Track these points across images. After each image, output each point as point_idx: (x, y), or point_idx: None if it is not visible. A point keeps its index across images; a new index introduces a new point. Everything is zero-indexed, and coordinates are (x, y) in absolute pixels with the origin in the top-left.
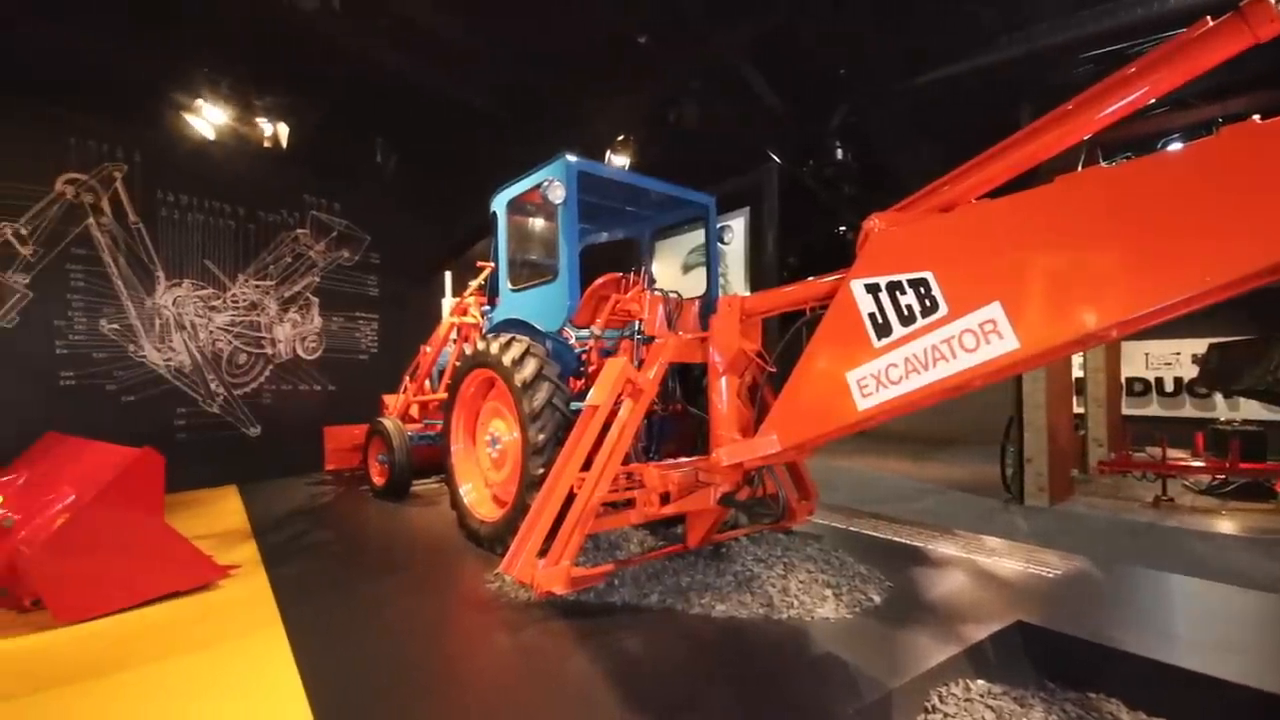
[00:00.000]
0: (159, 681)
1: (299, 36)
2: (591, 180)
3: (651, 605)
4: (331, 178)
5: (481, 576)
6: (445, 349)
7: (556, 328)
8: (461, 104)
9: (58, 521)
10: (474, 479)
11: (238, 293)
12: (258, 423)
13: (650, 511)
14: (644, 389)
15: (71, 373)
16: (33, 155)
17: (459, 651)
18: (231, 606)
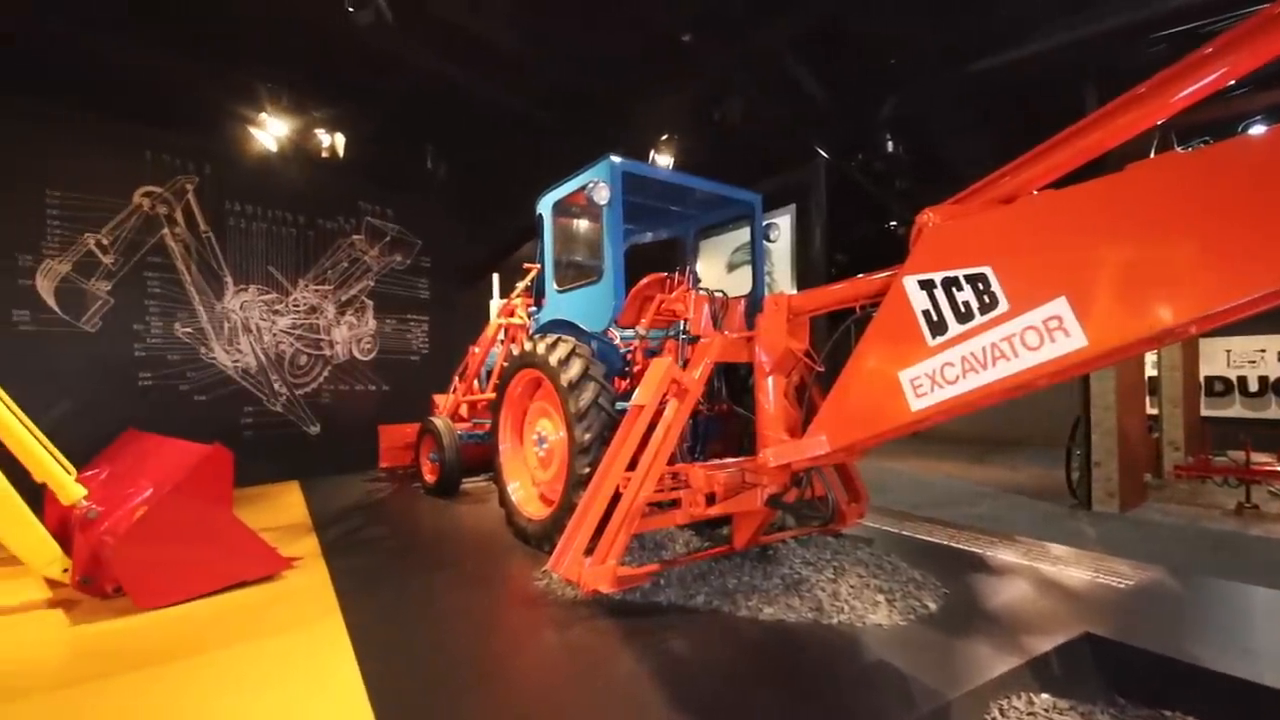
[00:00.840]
0: (229, 666)
1: (355, 51)
2: (636, 180)
3: (698, 606)
4: (385, 185)
5: (529, 573)
6: (493, 350)
7: (602, 328)
8: (508, 110)
9: (137, 513)
10: (521, 477)
11: (298, 297)
12: (317, 421)
13: (696, 512)
14: (689, 389)
15: (149, 374)
16: (113, 169)
17: (508, 646)
18: (294, 596)
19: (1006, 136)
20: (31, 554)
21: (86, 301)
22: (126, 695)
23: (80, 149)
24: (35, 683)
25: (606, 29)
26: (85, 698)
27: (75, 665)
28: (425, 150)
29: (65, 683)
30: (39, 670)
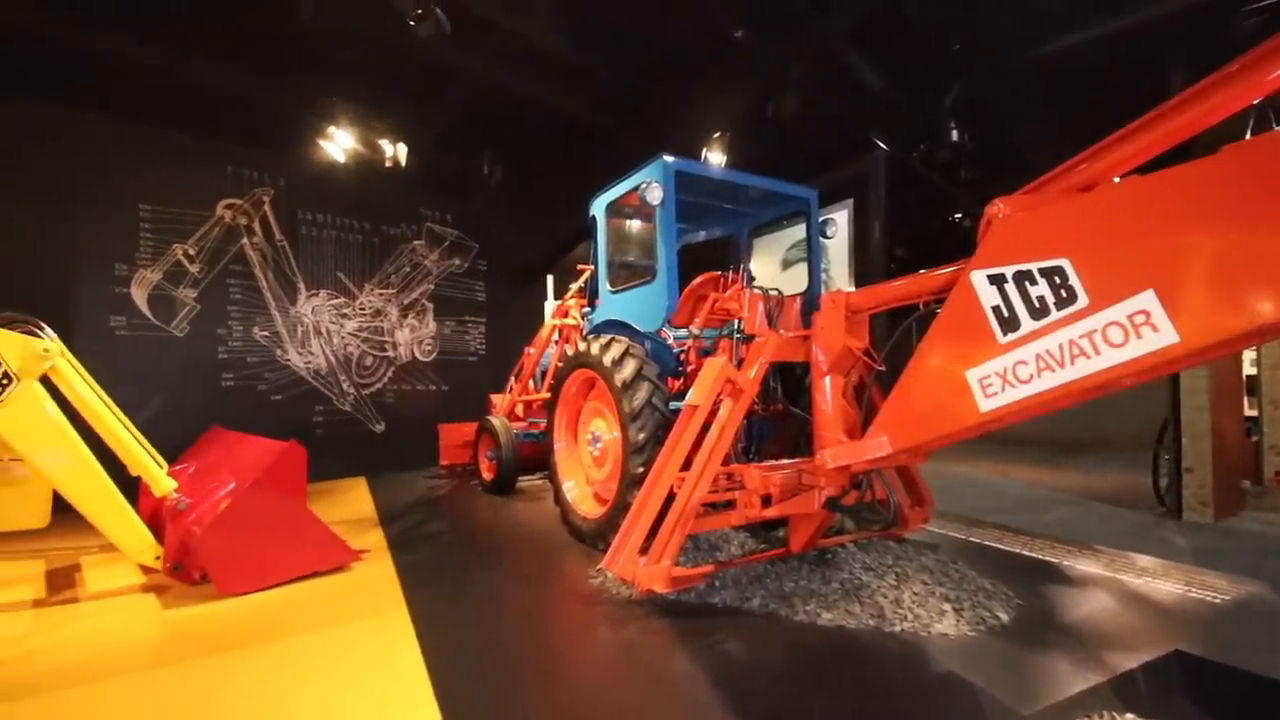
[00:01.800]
0: (303, 651)
1: (415, 63)
2: (689, 179)
3: (753, 609)
4: (444, 191)
5: (584, 571)
6: (548, 350)
7: (655, 328)
8: (561, 113)
9: (221, 506)
10: (576, 476)
11: (364, 301)
12: (382, 420)
13: (751, 513)
14: (744, 389)
15: (231, 375)
16: (198, 184)
17: (565, 643)
18: (363, 587)
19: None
20: (127, 542)
21: (175, 307)
22: (212, 676)
23: (169, 166)
24: (131, 662)
25: (658, 29)
26: (175, 677)
27: (166, 646)
28: (482, 156)
29: (158, 662)
30: (134, 650)
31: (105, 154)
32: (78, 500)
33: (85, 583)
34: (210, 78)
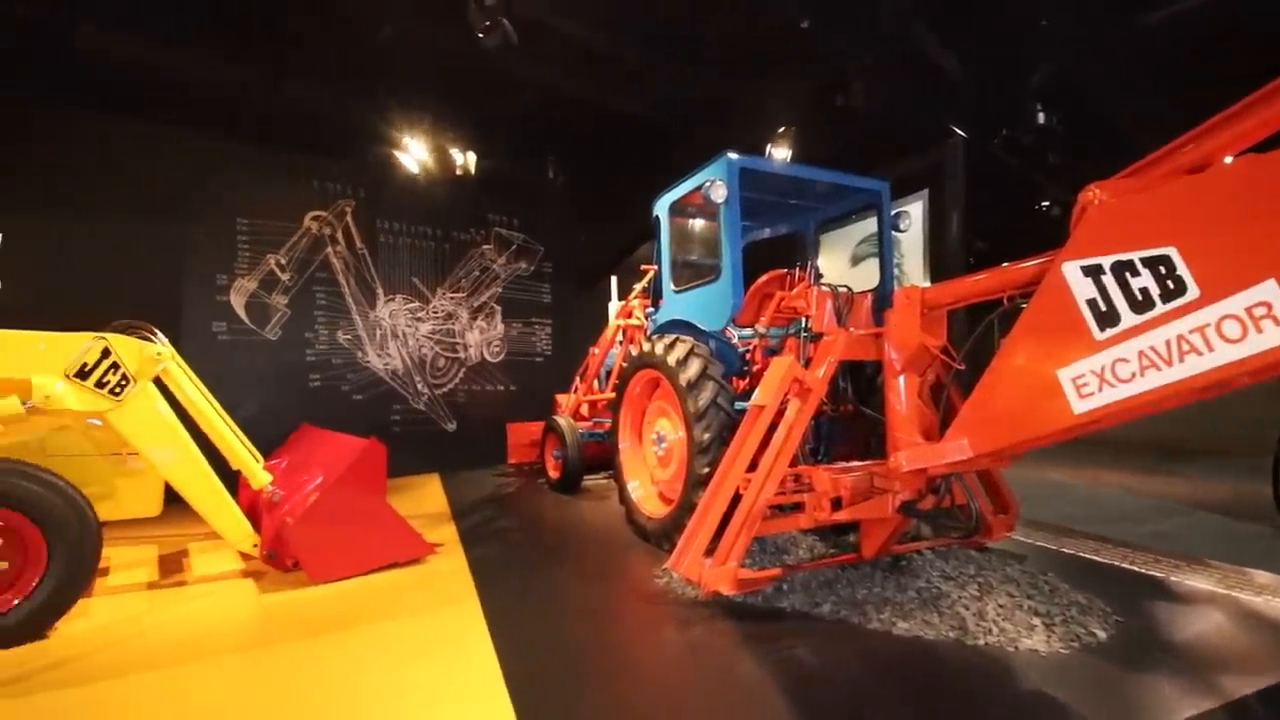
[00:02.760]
0: (384, 638)
1: (483, 74)
2: (754, 176)
3: (823, 615)
4: (510, 196)
5: (649, 571)
6: (612, 350)
7: (720, 327)
8: (624, 115)
9: (311, 498)
10: (641, 476)
11: (437, 304)
12: (454, 419)
13: (820, 516)
14: (812, 388)
15: (318, 376)
16: (289, 198)
17: (631, 640)
18: (437, 579)
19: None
20: (229, 531)
21: (269, 313)
22: (302, 657)
23: (263, 181)
24: (231, 642)
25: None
26: (270, 658)
27: (262, 629)
28: (547, 161)
29: (254, 644)
30: (234, 631)
31: (208, 172)
32: (186, 491)
33: (192, 567)
34: (299, 98)
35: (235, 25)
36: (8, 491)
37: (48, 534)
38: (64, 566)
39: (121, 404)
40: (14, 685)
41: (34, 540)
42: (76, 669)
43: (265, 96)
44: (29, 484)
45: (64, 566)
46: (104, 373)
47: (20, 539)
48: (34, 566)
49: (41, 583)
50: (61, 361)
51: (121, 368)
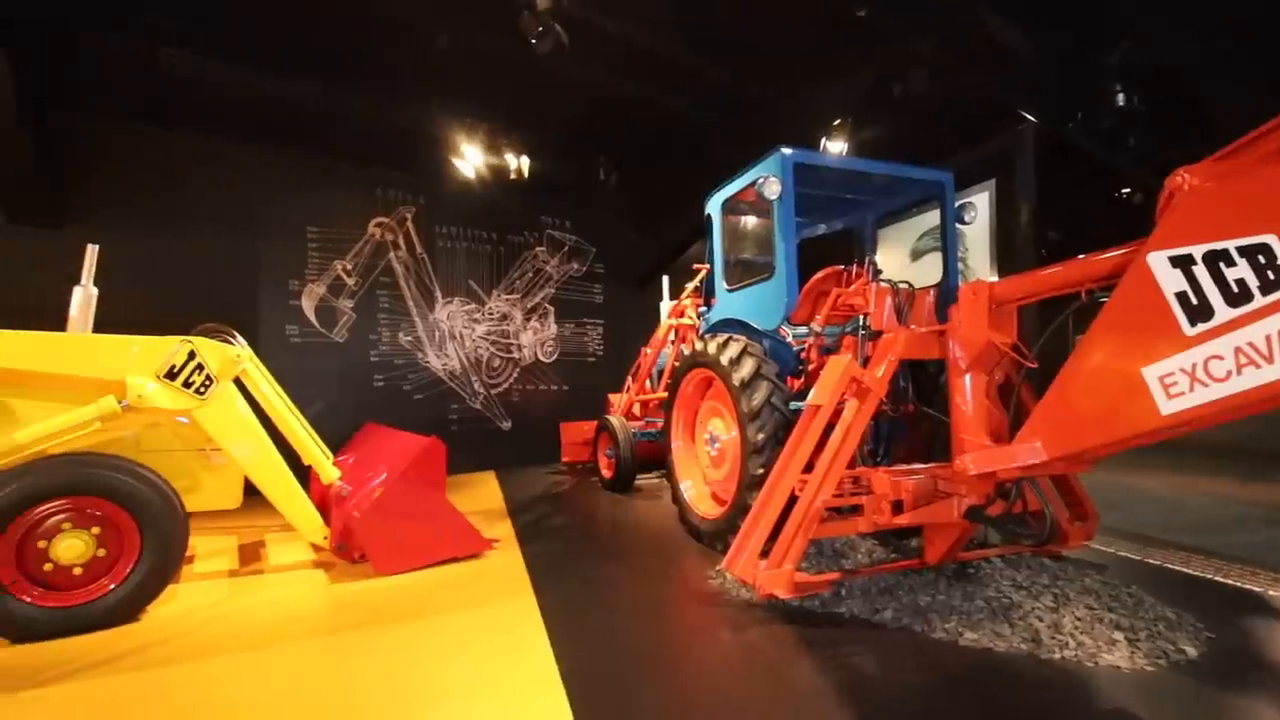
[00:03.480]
0: (443, 630)
1: (535, 79)
2: (808, 171)
3: (884, 622)
4: (563, 198)
5: (703, 571)
6: (664, 350)
7: (774, 326)
8: (674, 114)
9: (376, 494)
10: (693, 476)
11: (492, 306)
12: (509, 418)
13: (880, 520)
14: (871, 388)
15: (381, 376)
16: (354, 206)
17: (685, 640)
18: (495, 574)
19: None
20: (302, 523)
21: (336, 317)
22: (370, 645)
23: (331, 191)
24: (304, 628)
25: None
26: (339, 644)
27: (332, 616)
28: (598, 162)
29: (325, 630)
30: (306, 618)
31: (281, 185)
32: (262, 485)
33: (269, 557)
34: (363, 111)
35: (302, 46)
36: (107, 484)
37: (141, 524)
38: (155, 554)
39: (205, 402)
40: (109, 665)
41: (129, 529)
42: (165, 650)
43: (331, 112)
44: (126, 477)
45: (155, 554)
46: (190, 373)
47: (116, 528)
48: (128, 554)
49: (135, 569)
50: (153, 363)
51: (206, 369)
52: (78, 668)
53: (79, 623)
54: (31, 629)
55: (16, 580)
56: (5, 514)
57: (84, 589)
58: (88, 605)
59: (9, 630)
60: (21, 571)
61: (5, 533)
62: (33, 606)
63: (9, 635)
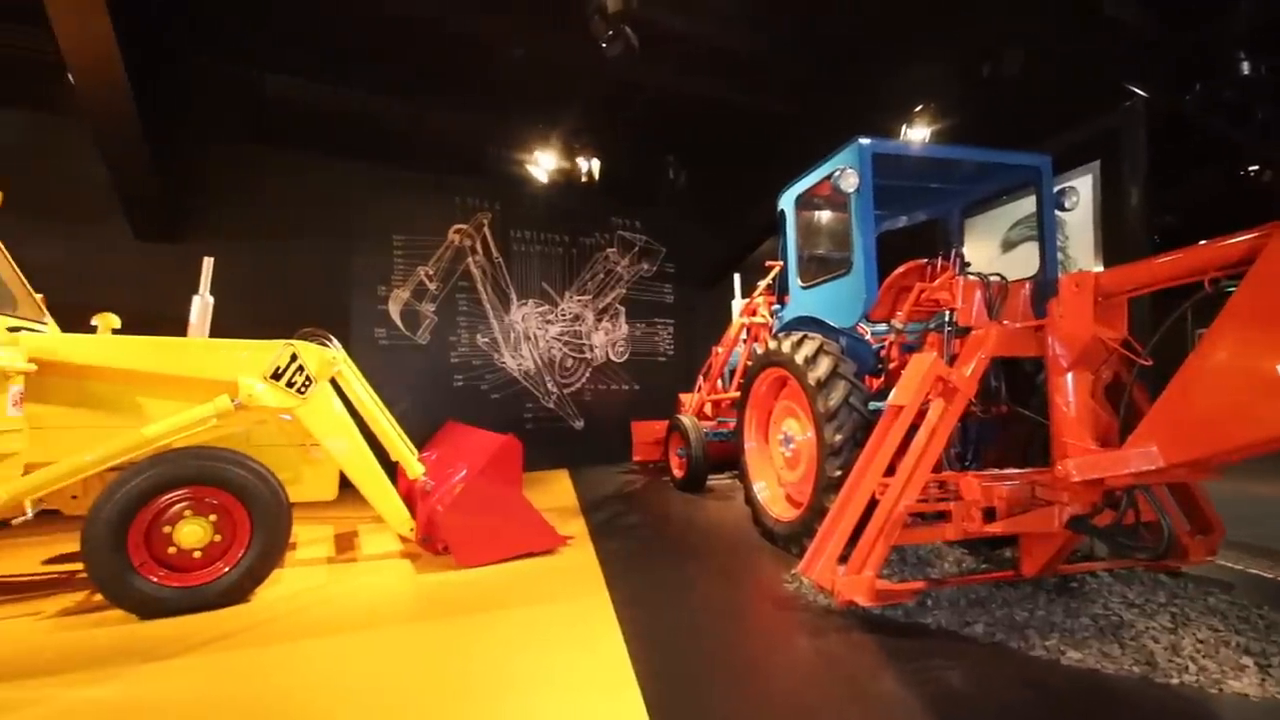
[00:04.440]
0: (522, 622)
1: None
2: (888, 161)
3: (975, 636)
4: (633, 199)
5: (778, 574)
6: (736, 349)
7: (851, 323)
8: (745, 109)
9: (457, 489)
10: (767, 477)
11: (565, 307)
12: (581, 417)
13: (970, 528)
14: (959, 388)
15: (460, 376)
16: (435, 214)
17: (761, 644)
18: (569, 570)
19: None
20: (390, 515)
21: (419, 320)
22: (453, 634)
23: (414, 201)
24: (393, 614)
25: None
26: (426, 632)
27: (417, 605)
28: (667, 161)
29: (413, 618)
30: (395, 605)
31: (369, 196)
32: (355, 479)
33: (361, 546)
34: (442, 123)
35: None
36: (223, 476)
37: (251, 512)
38: (263, 540)
39: (306, 401)
40: (224, 641)
41: (241, 517)
42: (273, 630)
43: (414, 126)
44: (239, 470)
45: (263, 540)
46: (292, 374)
47: (230, 516)
48: (240, 540)
49: (246, 554)
50: (261, 365)
51: (306, 370)
52: (197, 643)
53: (198, 602)
54: (158, 606)
55: (145, 561)
56: (137, 501)
57: (202, 571)
58: (205, 586)
59: (138, 606)
60: (150, 554)
61: (136, 518)
62: (159, 586)
63: (138, 611)
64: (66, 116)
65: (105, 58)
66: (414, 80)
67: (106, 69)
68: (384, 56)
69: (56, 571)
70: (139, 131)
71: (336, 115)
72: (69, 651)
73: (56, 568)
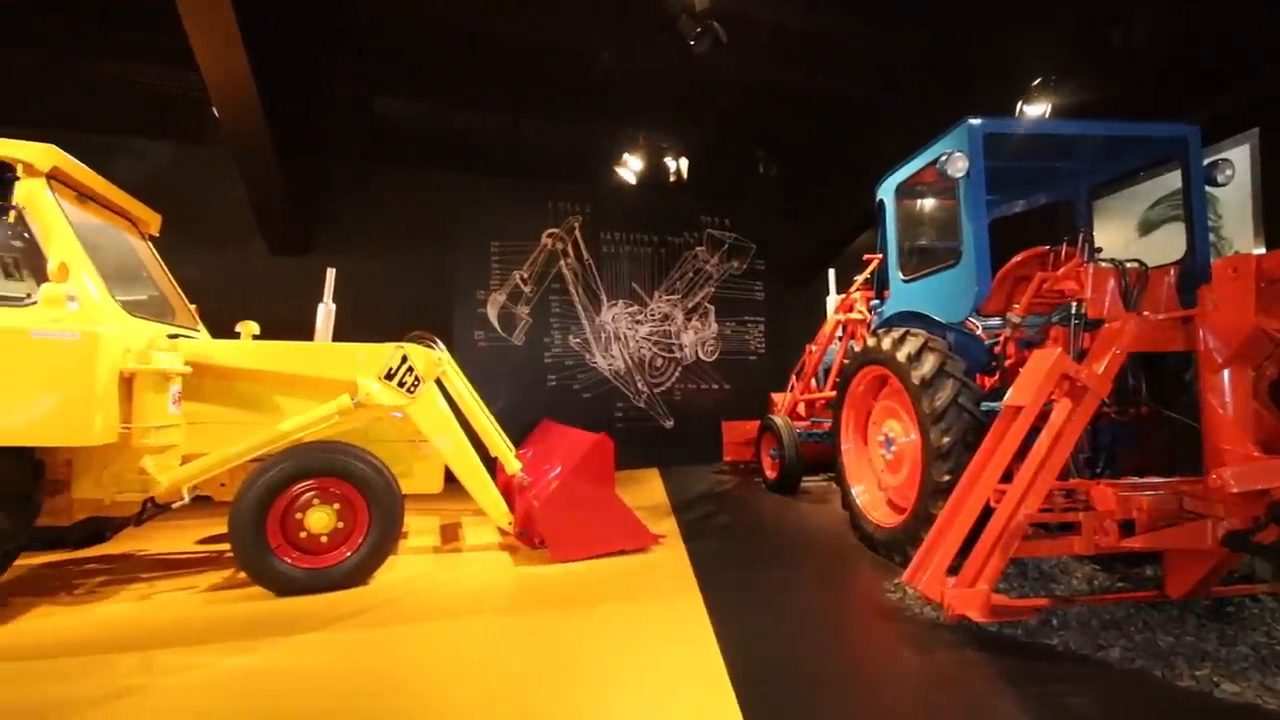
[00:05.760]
0: (616, 618)
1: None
2: (1002, 141)
3: (1110, 661)
4: (721, 196)
5: (879, 583)
6: (831, 347)
7: (961, 318)
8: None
9: (553, 485)
10: (866, 480)
11: (654, 307)
12: (671, 416)
13: (1104, 542)
14: (1089, 386)
15: (554, 376)
16: (529, 219)
17: (863, 655)
18: (661, 569)
19: None
20: (490, 509)
21: (515, 322)
22: (551, 625)
23: (510, 207)
24: (496, 603)
25: None
26: (526, 621)
27: (516, 595)
28: (756, 156)
29: (514, 607)
30: (496, 594)
31: (467, 204)
32: (459, 473)
33: (465, 537)
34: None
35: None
36: (346, 468)
37: (370, 502)
38: (380, 528)
39: (415, 400)
40: (348, 620)
41: (360, 507)
42: (389, 611)
43: (507, 136)
44: (359, 463)
45: (380, 528)
46: (403, 375)
47: (351, 505)
48: (360, 527)
49: (365, 540)
50: (376, 367)
51: (415, 371)
52: (326, 620)
53: (325, 582)
54: (291, 585)
55: (281, 544)
56: (275, 489)
57: (328, 554)
58: (331, 569)
59: (275, 584)
60: (284, 537)
61: (273, 505)
62: (292, 566)
63: (275, 588)
64: (210, 147)
65: (243, 91)
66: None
67: (244, 101)
68: (476, 71)
69: (207, 551)
70: (272, 157)
71: (436, 130)
72: (217, 623)
73: (207, 547)
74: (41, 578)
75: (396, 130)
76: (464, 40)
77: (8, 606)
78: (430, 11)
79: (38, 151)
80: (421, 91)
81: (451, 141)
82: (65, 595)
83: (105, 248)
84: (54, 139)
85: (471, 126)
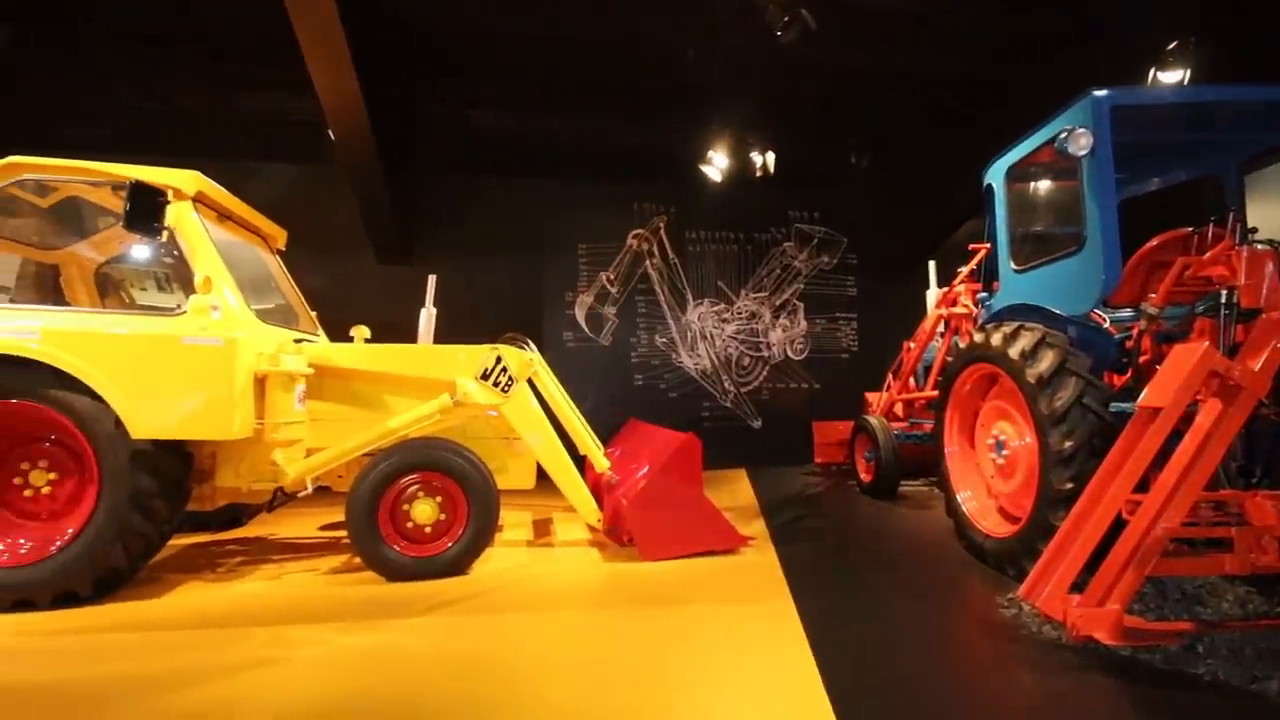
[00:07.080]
0: (705, 619)
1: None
2: (1132, 114)
3: (1268, 694)
4: (810, 189)
5: (990, 597)
6: (932, 343)
7: (1085, 309)
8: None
9: (641, 484)
10: (974, 486)
11: (741, 305)
12: (759, 416)
13: (1261, 561)
14: (1244, 385)
15: (640, 376)
16: (615, 221)
17: (975, 676)
18: (751, 571)
19: None
20: (580, 505)
21: (602, 322)
22: (640, 623)
23: (596, 211)
24: (586, 598)
25: None
26: (615, 617)
27: (605, 591)
28: (847, 145)
29: (604, 602)
30: (588, 588)
31: (556, 209)
32: (550, 470)
33: (556, 533)
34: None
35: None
36: (446, 463)
37: (469, 495)
38: (478, 521)
39: (509, 399)
40: (450, 606)
41: (460, 500)
42: (487, 600)
43: (592, 140)
44: (459, 458)
45: (478, 521)
46: (498, 375)
47: (452, 499)
48: (460, 520)
49: (464, 532)
50: (473, 367)
51: (509, 371)
52: (431, 605)
53: (429, 570)
54: (399, 571)
55: (390, 533)
56: (385, 481)
57: (432, 544)
58: (434, 558)
59: (386, 570)
60: (393, 527)
61: (384, 496)
62: (400, 554)
63: (385, 574)
64: (324, 166)
65: (354, 112)
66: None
67: (355, 123)
68: (563, 79)
69: (328, 537)
70: (380, 173)
71: (525, 139)
72: (335, 603)
73: (328, 534)
74: (188, 557)
75: (488, 141)
76: (549, 49)
77: (161, 582)
78: (517, 26)
79: (184, 178)
80: (510, 102)
81: (540, 149)
82: (209, 573)
83: (242, 262)
84: (196, 166)
85: (559, 133)
